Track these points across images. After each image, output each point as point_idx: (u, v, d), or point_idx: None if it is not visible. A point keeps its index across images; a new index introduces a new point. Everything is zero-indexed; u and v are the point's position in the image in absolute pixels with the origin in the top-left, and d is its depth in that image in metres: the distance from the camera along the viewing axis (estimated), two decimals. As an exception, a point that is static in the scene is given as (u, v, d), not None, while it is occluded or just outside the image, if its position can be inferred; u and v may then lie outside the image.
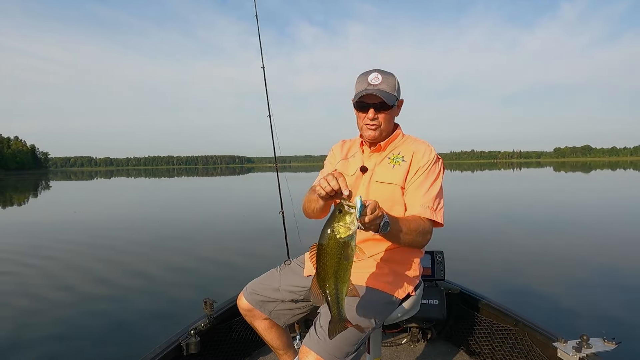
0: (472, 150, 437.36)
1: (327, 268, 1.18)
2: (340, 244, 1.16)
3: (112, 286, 5.08)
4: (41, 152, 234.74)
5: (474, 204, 13.81)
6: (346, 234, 1.16)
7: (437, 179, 1.63)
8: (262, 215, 11.26)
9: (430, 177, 1.61)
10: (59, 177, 64.78)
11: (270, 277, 1.86)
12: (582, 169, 51.76)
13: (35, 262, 6.41)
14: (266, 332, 1.85)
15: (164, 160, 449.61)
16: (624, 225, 9.02)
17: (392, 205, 1.61)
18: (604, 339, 1.72)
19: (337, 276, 1.18)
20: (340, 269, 1.18)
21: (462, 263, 5.54)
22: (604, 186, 22.41)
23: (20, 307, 4.40)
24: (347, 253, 1.17)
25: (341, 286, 1.20)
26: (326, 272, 1.18)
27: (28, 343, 3.55)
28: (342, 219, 1.16)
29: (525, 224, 9.34)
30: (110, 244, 7.67)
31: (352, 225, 1.16)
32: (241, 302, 1.84)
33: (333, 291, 1.20)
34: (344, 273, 1.19)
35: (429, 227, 1.53)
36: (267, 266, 2.01)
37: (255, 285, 1.84)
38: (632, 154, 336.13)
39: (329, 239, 1.16)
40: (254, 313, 1.82)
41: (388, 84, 1.63)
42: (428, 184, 1.60)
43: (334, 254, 1.17)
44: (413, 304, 1.74)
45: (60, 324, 3.94)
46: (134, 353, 3.00)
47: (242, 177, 50.78)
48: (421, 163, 1.64)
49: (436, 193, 1.60)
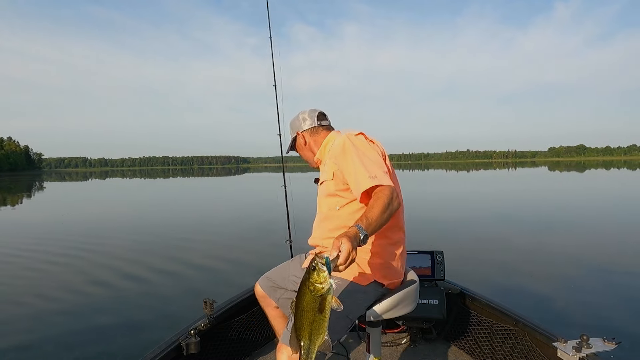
0: (467, 150, 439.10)
1: (303, 321, 1.25)
2: (315, 300, 1.22)
3: (112, 286, 5.06)
4: (35, 153, 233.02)
5: (473, 203, 13.87)
6: (320, 291, 1.21)
7: (359, 151, 1.68)
8: (261, 214, 11.26)
9: (350, 155, 1.67)
10: (53, 178, 64.33)
11: (283, 267, 2.08)
12: (576, 169, 52.08)
13: (34, 263, 6.37)
14: (274, 320, 2.10)
15: (159, 160, 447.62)
16: (623, 225, 9.07)
17: (328, 197, 1.81)
18: (604, 339, 1.72)
19: (312, 328, 1.25)
20: (315, 321, 1.24)
21: (462, 263, 5.56)
22: (599, 185, 22.57)
23: (20, 307, 4.37)
24: (323, 307, 1.23)
25: (315, 338, 1.26)
26: (302, 324, 1.25)
27: (28, 343, 3.52)
28: (315, 277, 1.21)
29: (525, 224, 9.39)
30: (108, 245, 7.64)
31: (325, 283, 1.21)
32: (257, 288, 2.09)
33: (306, 342, 1.26)
34: (319, 326, 1.25)
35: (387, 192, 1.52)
36: (267, 266, 2.04)
37: (269, 273, 2.07)
38: (625, 153, 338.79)
39: (304, 294, 1.23)
40: (266, 300, 2.06)
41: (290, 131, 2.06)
42: (354, 161, 1.65)
43: (309, 308, 1.23)
44: (399, 301, 1.74)
45: (60, 324, 3.92)
46: (134, 353, 3.00)
47: (239, 177, 50.68)
48: (337, 151, 1.75)
49: (367, 162, 1.63)
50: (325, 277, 1.21)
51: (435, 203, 13.57)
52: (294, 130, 2.03)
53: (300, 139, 2.02)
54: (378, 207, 1.47)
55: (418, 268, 2.57)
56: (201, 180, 43.91)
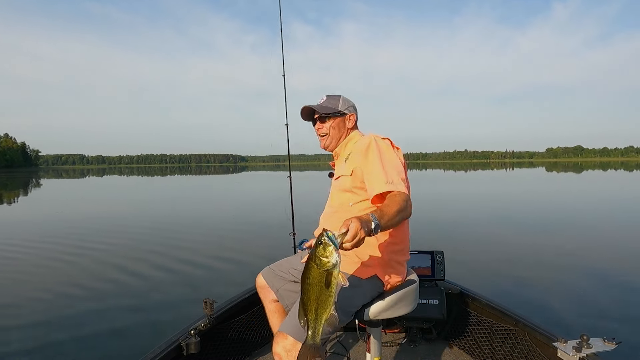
0: (465, 150, 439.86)
1: (310, 295, 1.26)
2: (321, 274, 1.23)
3: (111, 286, 5.03)
4: (32, 150, 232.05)
5: (473, 204, 13.90)
6: (326, 265, 1.22)
7: (382, 154, 1.71)
8: (261, 214, 11.24)
9: (373, 156, 1.71)
10: (50, 175, 64.04)
11: (287, 260, 2.09)
12: (574, 170, 52.25)
13: (32, 262, 6.35)
14: (272, 315, 2.08)
15: (156, 158, 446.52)
16: (622, 225, 9.12)
17: (343, 193, 1.82)
18: (604, 339, 1.72)
19: (319, 302, 1.26)
20: (321, 296, 1.25)
21: (462, 263, 5.58)
22: (597, 186, 22.64)
23: (20, 308, 4.35)
24: (329, 281, 1.23)
25: (321, 312, 1.27)
26: (309, 298, 1.27)
27: (27, 343, 3.51)
28: (322, 251, 1.22)
29: (525, 224, 9.42)
30: (107, 243, 7.60)
31: (331, 257, 1.22)
32: (258, 278, 2.08)
33: (313, 316, 1.28)
34: (325, 300, 1.26)
35: (403, 197, 1.58)
36: (273, 261, 2.06)
37: (274, 265, 2.08)
38: (622, 154, 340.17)
39: (310, 269, 1.25)
40: (265, 291, 2.05)
41: (330, 101, 1.94)
42: (375, 162, 1.69)
43: (315, 282, 1.24)
44: (398, 300, 1.74)
45: (60, 324, 3.90)
46: (134, 353, 2.98)
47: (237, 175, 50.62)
48: (361, 149, 1.78)
49: (388, 167, 1.67)
50: (332, 251, 1.22)
51: (434, 203, 13.58)
52: (347, 106, 1.95)
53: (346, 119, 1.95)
54: (393, 207, 1.50)
55: (418, 268, 2.58)
56: (200, 179, 43.81)
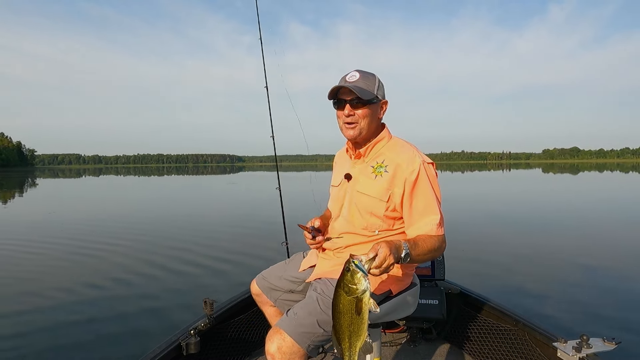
0: (462, 151, 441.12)
1: (342, 323, 1.23)
2: (351, 301, 1.20)
3: (111, 286, 5.00)
4: (27, 149, 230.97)
5: (472, 204, 13.93)
6: (355, 292, 1.19)
7: (430, 189, 1.55)
8: (260, 214, 11.22)
9: (421, 191, 1.54)
10: (46, 175, 63.69)
11: (278, 267, 1.96)
12: (570, 171, 52.50)
13: (30, 262, 6.31)
14: (272, 319, 1.97)
15: (153, 158, 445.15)
16: (621, 225, 9.18)
17: (370, 217, 1.60)
18: (604, 339, 1.73)
19: (351, 330, 1.23)
20: (353, 324, 1.22)
21: (462, 263, 5.59)
22: (595, 187, 22.80)
23: (20, 308, 4.32)
24: (360, 308, 1.20)
25: (355, 340, 1.24)
26: (340, 327, 1.24)
27: (27, 343, 3.49)
28: (350, 278, 1.20)
29: (524, 224, 9.46)
30: (105, 244, 7.55)
31: (360, 284, 1.19)
32: (253, 286, 1.97)
33: (346, 344, 1.25)
34: (358, 328, 1.23)
35: (441, 241, 1.54)
36: (266, 265, 2.04)
37: (266, 272, 1.95)
38: (618, 156, 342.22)
39: (339, 296, 1.22)
40: (262, 298, 1.94)
41: (365, 82, 1.59)
42: (423, 198, 1.55)
43: (346, 310, 1.21)
44: (400, 304, 1.73)
45: (59, 324, 3.88)
46: (134, 353, 2.98)
47: (234, 175, 50.55)
48: (406, 174, 1.54)
49: (435, 205, 1.55)
50: (360, 278, 1.19)
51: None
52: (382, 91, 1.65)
53: (379, 107, 1.65)
54: (428, 245, 1.46)
55: (418, 268, 2.57)
56: (197, 179, 43.71)
